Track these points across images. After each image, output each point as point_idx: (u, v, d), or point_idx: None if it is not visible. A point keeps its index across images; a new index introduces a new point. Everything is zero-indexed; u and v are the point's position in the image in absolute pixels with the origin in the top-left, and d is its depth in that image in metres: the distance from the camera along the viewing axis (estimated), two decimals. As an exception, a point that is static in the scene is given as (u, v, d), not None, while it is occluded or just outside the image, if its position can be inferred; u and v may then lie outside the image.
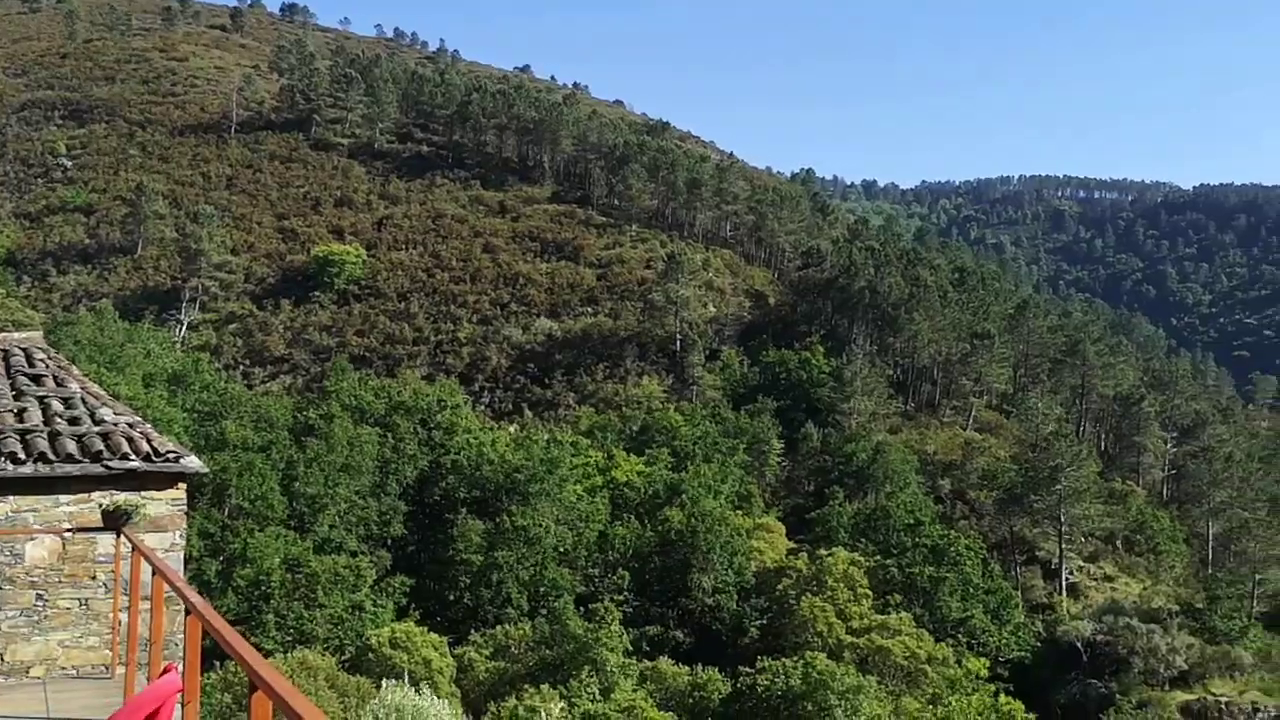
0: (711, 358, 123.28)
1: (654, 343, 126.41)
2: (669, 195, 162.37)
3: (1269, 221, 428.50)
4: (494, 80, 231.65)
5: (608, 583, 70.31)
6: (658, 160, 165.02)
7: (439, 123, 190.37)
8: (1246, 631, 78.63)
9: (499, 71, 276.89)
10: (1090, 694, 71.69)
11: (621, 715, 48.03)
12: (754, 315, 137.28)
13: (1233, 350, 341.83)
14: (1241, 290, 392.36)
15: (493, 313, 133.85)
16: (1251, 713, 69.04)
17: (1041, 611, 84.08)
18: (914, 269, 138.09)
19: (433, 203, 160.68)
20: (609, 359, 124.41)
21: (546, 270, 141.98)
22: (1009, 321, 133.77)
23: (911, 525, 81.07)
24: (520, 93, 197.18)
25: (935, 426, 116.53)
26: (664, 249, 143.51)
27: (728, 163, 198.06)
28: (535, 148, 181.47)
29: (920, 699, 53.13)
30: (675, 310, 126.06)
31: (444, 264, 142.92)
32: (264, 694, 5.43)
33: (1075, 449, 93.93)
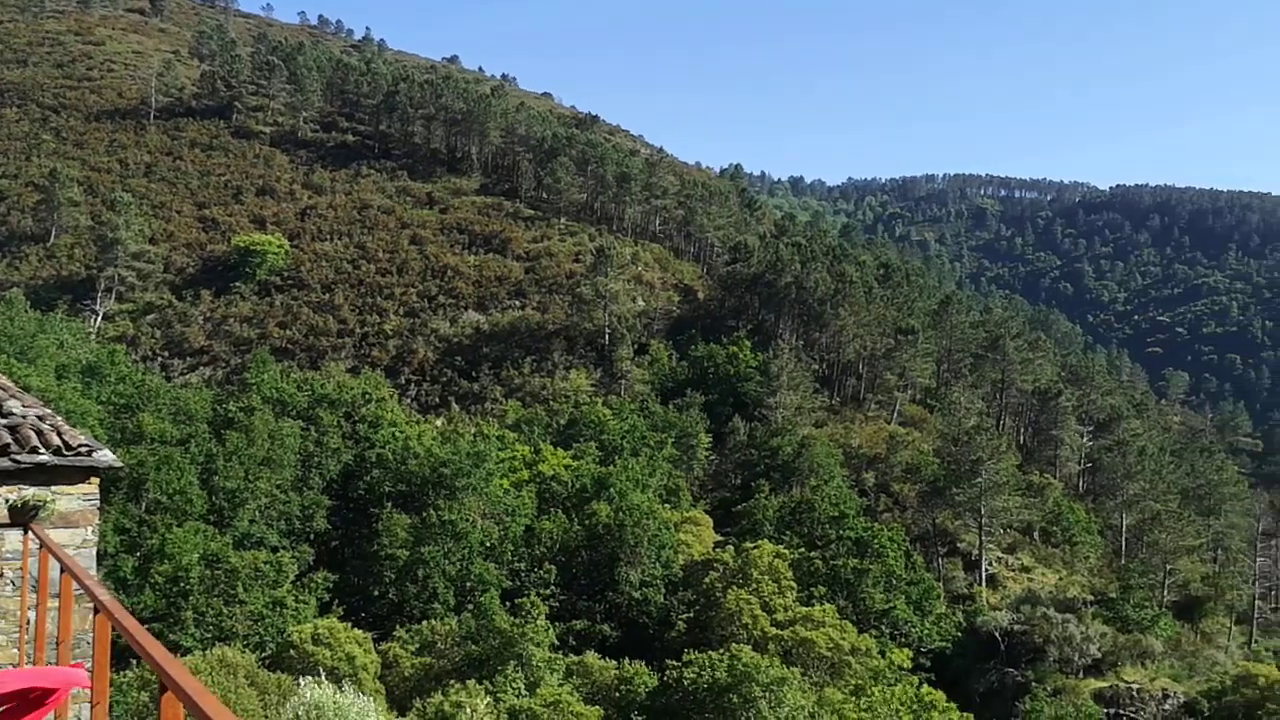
0: (640, 352, 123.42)
1: (582, 336, 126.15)
2: (598, 189, 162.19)
3: (1181, 222, 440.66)
4: (421, 70, 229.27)
5: (534, 577, 70.03)
6: (587, 154, 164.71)
7: (365, 112, 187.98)
8: (1157, 620, 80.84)
9: (426, 61, 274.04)
10: (1008, 682, 73.21)
11: (547, 710, 47.87)
12: (683, 310, 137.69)
13: (1146, 347, 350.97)
14: (1155, 289, 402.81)
15: (420, 305, 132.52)
16: (1161, 699, 70.90)
17: (962, 602, 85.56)
18: (840, 265, 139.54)
19: (358, 193, 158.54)
20: (537, 352, 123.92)
21: (474, 263, 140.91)
22: (932, 317, 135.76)
23: (836, 518, 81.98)
24: (448, 83, 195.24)
25: (860, 420, 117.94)
26: (593, 243, 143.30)
27: (657, 157, 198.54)
28: (463, 139, 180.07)
29: (844, 690, 53.74)
30: (604, 304, 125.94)
31: (370, 255, 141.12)
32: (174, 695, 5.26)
33: (995, 443, 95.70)
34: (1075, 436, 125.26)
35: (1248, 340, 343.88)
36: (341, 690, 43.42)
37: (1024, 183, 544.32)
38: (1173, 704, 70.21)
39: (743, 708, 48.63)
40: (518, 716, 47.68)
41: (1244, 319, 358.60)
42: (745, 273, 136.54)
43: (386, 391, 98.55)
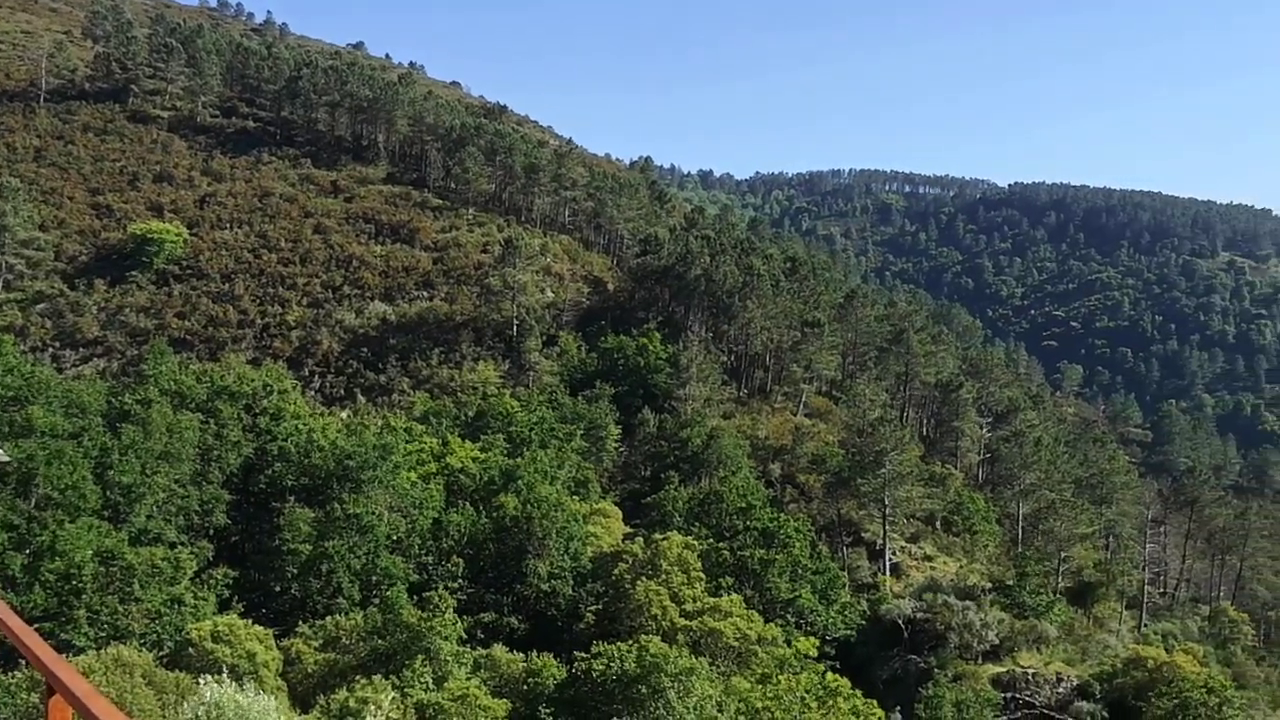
0: (549, 343, 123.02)
1: (490, 328, 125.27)
2: (507, 179, 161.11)
3: (1076, 219, 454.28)
4: (325, 56, 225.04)
5: (442, 570, 69.29)
6: (495, 144, 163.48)
7: (266, 98, 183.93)
8: (1052, 606, 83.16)
9: (331, 47, 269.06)
10: (910, 669, 74.64)
11: (455, 704, 47.40)
12: (592, 301, 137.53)
13: (1042, 341, 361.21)
14: (1051, 284, 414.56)
15: (324, 295, 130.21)
16: (1056, 683, 72.98)
17: (866, 591, 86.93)
18: (748, 258, 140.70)
19: (260, 180, 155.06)
20: (445, 344, 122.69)
21: (381, 253, 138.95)
22: (838, 310, 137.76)
23: (743, 509, 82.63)
24: (353, 70, 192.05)
25: (767, 412, 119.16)
26: (501, 233, 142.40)
27: (566, 148, 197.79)
28: (369, 127, 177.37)
29: (750, 679, 54.21)
30: (513, 295, 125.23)
31: (272, 244, 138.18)
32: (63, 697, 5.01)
33: (899, 434, 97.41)
34: (975, 428, 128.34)
35: (1138, 334, 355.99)
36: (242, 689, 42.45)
37: (928, 179, 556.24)
38: (1066, 687, 72.29)
39: (651, 698, 48.73)
40: (425, 711, 47.13)
41: (1135, 314, 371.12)
42: (655, 265, 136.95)
43: (289, 384, 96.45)
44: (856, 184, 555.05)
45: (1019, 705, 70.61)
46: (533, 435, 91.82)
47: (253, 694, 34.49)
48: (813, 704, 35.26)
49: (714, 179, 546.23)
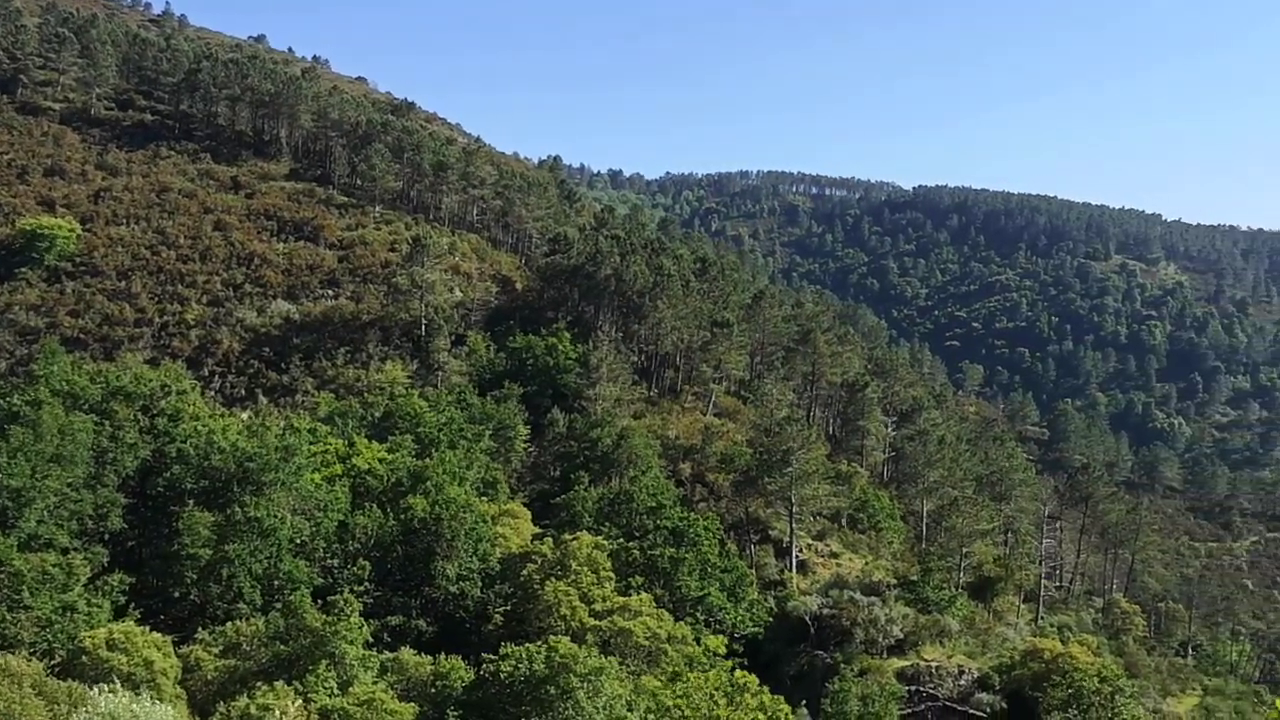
0: (458, 343, 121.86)
1: (398, 327, 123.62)
2: (414, 177, 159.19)
3: (978, 221, 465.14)
4: (226, 49, 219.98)
5: (347, 573, 68.11)
6: (402, 141, 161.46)
7: (164, 91, 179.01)
8: (954, 601, 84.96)
9: (231, 40, 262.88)
10: (817, 664, 75.56)
11: (361, 708, 46.64)
12: (501, 301, 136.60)
13: (945, 341, 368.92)
14: (953, 285, 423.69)
15: (225, 294, 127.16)
16: (958, 675, 74.56)
17: (774, 588, 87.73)
18: (658, 258, 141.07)
19: (157, 175, 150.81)
20: (350, 343, 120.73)
21: (284, 250, 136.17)
22: (747, 311, 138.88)
23: (653, 508, 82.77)
24: (255, 63, 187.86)
25: (677, 412, 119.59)
26: (409, 231, 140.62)
27: (474, 146, 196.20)
28: (271, 122, 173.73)
29: (660, 677, 54.33)
30: (420, 294, 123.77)
31: (170, 241, 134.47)
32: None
33: (806, 433, 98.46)
34: (880, 426, 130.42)
35: (1035, 335, 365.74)
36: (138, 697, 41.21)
37: (834, 181, 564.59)
38: (967, 679, 73.89)
39: (560, 699, 48.53)
40: (330, 716, 46.29)
41: (1032, 315, 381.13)
42: (564, 264, 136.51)
43: (188, 384, 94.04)
44: (765, 185, 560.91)
45: (922, 698, 71.94)
46: (441, 436, 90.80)
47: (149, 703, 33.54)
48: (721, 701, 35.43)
49: (624, 179, 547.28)
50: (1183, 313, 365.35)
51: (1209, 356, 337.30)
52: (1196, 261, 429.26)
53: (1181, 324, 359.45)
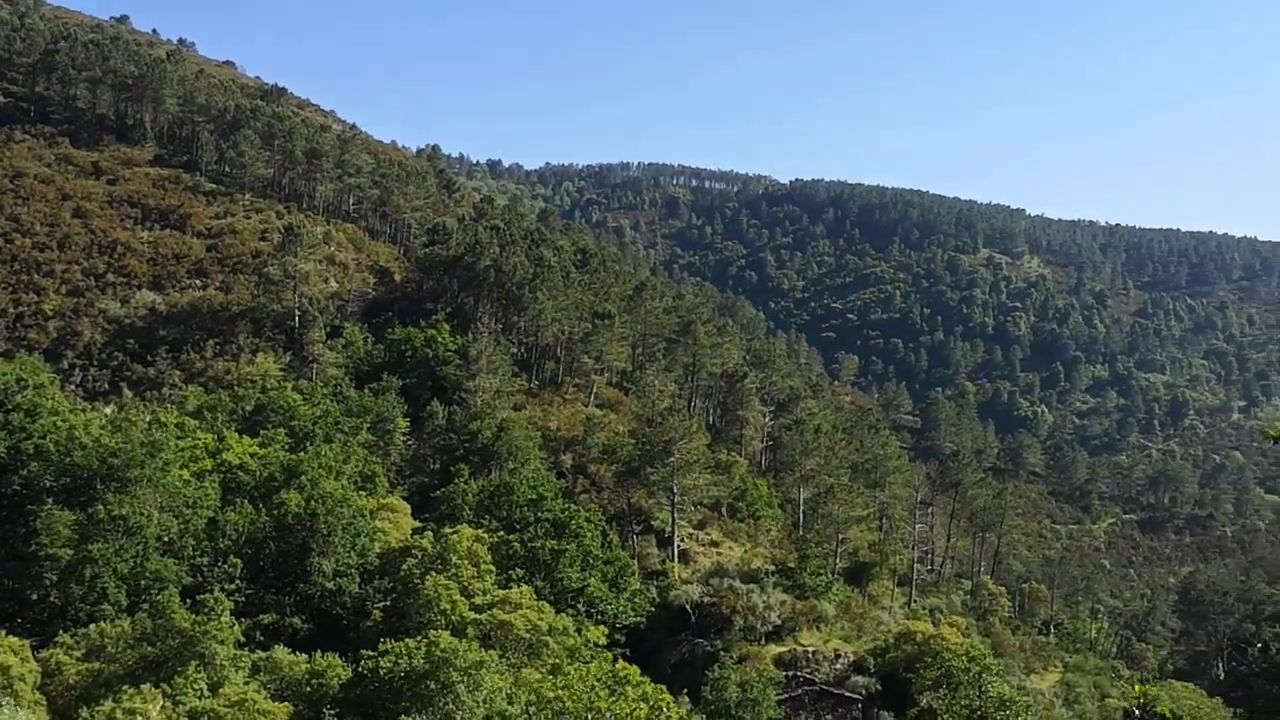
0: (333, 335, 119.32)
1: (270, 318, 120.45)
2: (287, 164, 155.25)
3: (853, 215, 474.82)
4: (86, 29, 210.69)
5: (218, 572, 66.14)
6: (274, 127, 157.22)
7: (18, 72, 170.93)
8: (830, 586, 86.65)
9: (91, 20, 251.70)
10: (698, 653, 76.23)
11: (232, 709, 45.35)
12: (379, 292, 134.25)
13: (821, 332, 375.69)
14: (829, 278, 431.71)
15: (85, 284, 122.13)
16: (834, 659, 76.07)
17: (655, 578, 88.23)
18: (538, 249, 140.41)
19: (11, 160, 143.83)
20: (220, 335, 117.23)
21: (149, 239, 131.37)
22: (628, 302, 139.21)
23: (534, 500, 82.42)
24: (117, 44, 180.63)
25: (559, 403, 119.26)
26: (281, 220, 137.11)
27: (350, 134, 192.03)
28: (135, 106, 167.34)
29: (542, 670, 54.15)
30: (294, 285, 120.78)
31: (25, 229, 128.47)
32: None
33: (687, 423, 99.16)
34: (759, 416, 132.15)
35: (908, 326, 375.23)
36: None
37: (713, 174, 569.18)
38: (844, 663, 75.43)
39: (440, 694, 47.97)
40: (199, 718, 44.90)
41: (905, 306, 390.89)
42: (443, 255, 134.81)
43: (46, 377, 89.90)
44: (645, 177, 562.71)
45: (800, 682, 73.18)
46: (316, 429, 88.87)
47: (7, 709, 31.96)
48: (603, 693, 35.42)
49: (503, 169, 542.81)
50: (1046, 305, 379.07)
51: (1070, 346, 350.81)
52: (1058, 255, 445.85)
53: (1045, 315, 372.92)
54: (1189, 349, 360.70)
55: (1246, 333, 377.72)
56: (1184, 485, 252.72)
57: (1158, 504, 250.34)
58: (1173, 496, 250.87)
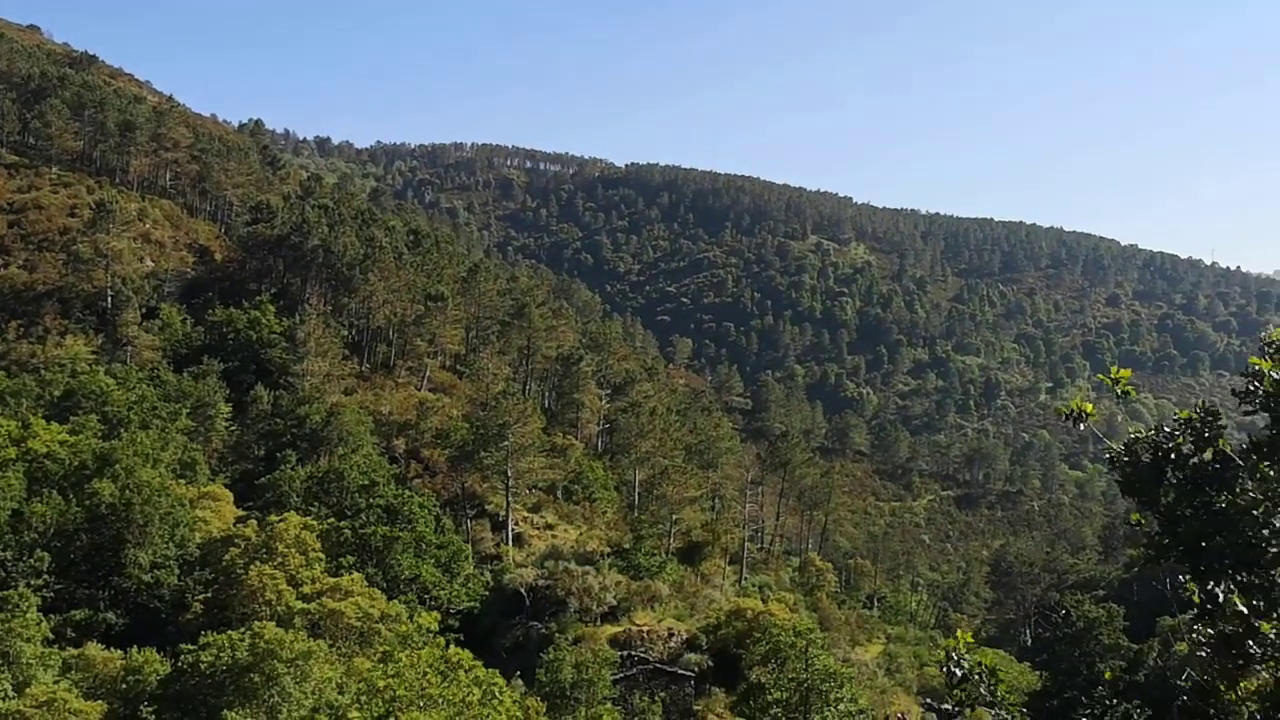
0: (149, 316, 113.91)
1: (80, 299, 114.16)
2: (98, 137, 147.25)
3: (687, 200, 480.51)
4: None
5: (23, 566, 62.48)
6: (83, 97, 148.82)
7: None
8: (664, 566, 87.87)
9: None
10: (532, 635, 76.24)
11: (40, 710, 42.95)
12: (198, 271, 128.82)
13: (656, 315, 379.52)
14: (664, 261, 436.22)
15: None
16: (667, 638, 77.19)
17: (490, 562, 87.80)
18: (369, 229, 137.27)
19: None
20: (24, 316, 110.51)
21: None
22: (462, 285, 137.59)
23: (366, 486, 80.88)
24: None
25: (390, 387, 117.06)
26: (92, 195, 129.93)
27: (167, 106, 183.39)
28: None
29: (372, 658, 53.08)
30: (105, 264, 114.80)
31: None
32: None
33: (521, 406, 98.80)
34: (595, 399, 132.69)
35: (740, 310, 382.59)
36: None
37: (548, 156, 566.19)
38: (677, 641, 76.62)
39: (265, 686, 46.52)
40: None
41: (737, 291, 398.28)
42: (268, 234, 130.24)
43: None
44: (479, 158, 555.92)
45: (634, 661, 73.96)
46: (131, 415, 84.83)
47: None
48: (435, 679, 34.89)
49: (332, 146, 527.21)
50: (871, 290, 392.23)
51: (893, 330, 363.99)
52: (882, 242, 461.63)
53: (870, 300, 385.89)
54: (1001, 333, 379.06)
55: (1053, 318, 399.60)
56: (996, 463, 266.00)
57: (973, 481, 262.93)
58: (986, 473, 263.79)
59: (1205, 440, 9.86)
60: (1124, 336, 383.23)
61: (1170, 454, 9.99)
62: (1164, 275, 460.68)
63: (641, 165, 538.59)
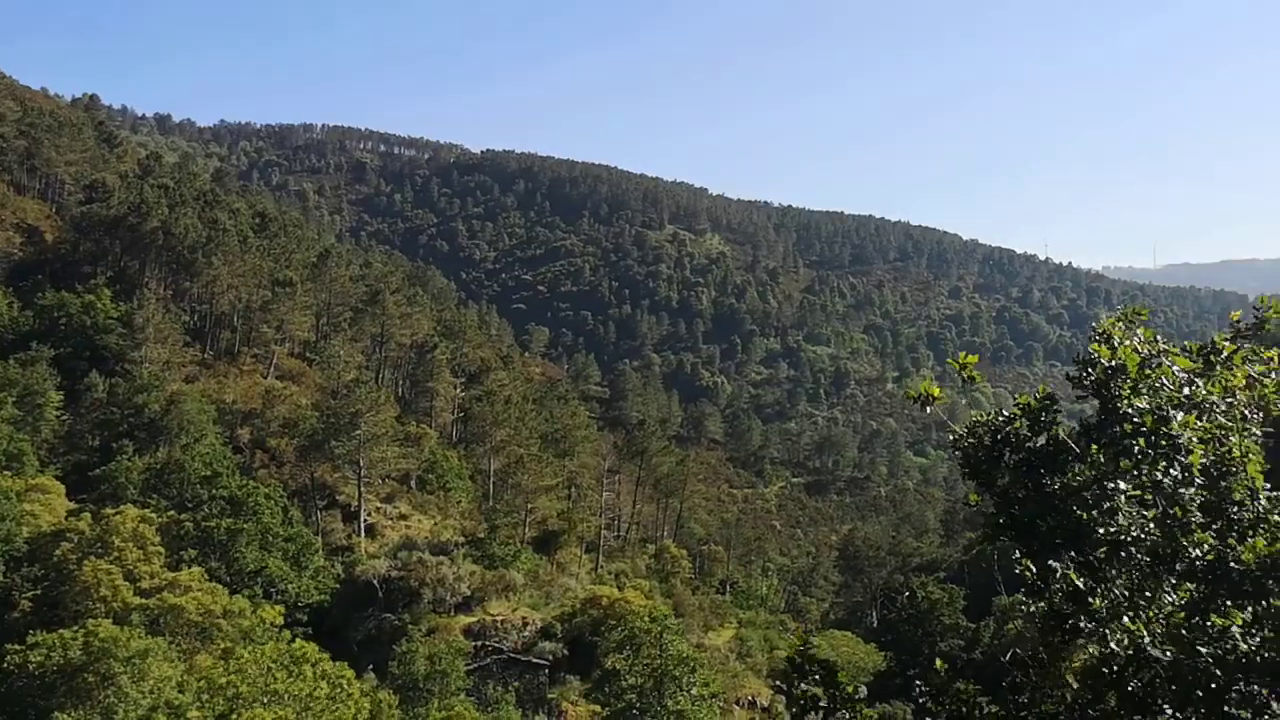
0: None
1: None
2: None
3: (544, 188, 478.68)
4: None
5: None
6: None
7: None
8: (519, 555, 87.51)
9: None
10: (385, 627, 75.01)
11: None
12: (26, 253, 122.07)
13: (512, 303, 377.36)
14: (520, 249, 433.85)
15: None
16: (522, 627, 77.00)
17: (341, 554, 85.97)
18: (212, 211, 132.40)
19: None
20: None
21: None
22: (312, 270, 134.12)
23: (208, 477, 78.10)
24: None
25: (235, 375, 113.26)
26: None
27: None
28: None
29: (214, 654, 51.34)
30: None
31: None
32: None
33: (375, 395, 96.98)
34: (450, 387, 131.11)
35: (597, 299, 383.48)
36: None
37: (403, 140, 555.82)
38: (531, 630, 76.50)
39: (100, 686, 44.48)
40: None
41: (594, 279, 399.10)
42: (103, 214, 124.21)
43: None
44: (330, 140, 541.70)
45: (489, 651, 73.51)
46: (-50, 405, 79.93)
47: None
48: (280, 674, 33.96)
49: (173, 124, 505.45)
50: (725, 280, 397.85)
51: (747, 320, 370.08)
52: (737, 233, 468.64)
53: (724, 290, 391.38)
54: (851, 324, 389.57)
55: (900, 309, 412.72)
56: (845, 450, 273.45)
57: (822, 468, 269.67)
58: (835, 460, 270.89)
59: (1042, 425, 10.18)
60: (965, 328, 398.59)
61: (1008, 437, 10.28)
62: (1002, 270, 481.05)
63: (498, 152, 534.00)
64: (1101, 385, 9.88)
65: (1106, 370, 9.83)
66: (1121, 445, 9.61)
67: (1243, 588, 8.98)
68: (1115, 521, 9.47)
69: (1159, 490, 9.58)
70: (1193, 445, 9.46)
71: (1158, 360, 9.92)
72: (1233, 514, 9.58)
